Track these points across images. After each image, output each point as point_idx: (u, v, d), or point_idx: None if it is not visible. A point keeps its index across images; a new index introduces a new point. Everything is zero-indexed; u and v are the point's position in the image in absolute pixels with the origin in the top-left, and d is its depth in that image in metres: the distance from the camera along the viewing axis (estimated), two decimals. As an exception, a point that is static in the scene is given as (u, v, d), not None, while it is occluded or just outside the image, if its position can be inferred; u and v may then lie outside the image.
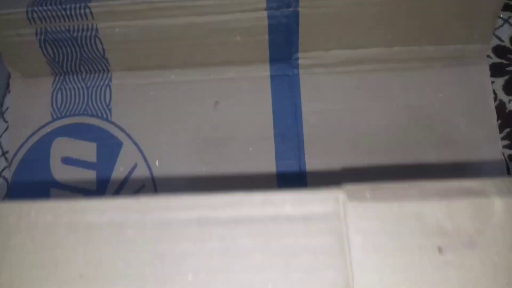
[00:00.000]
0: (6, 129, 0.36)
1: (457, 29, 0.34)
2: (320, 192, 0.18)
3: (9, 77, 0.37)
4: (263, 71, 0.35)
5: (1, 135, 0.36)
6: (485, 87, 0.35)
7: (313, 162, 0.34)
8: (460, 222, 0.18)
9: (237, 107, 0.35)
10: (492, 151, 0.34)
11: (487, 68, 0.35)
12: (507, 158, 0.34)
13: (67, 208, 0.18)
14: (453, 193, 0.18)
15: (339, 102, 0.35)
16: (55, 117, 0.36)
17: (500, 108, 0.35)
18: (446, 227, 0.18)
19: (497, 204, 0.18)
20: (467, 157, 0.34)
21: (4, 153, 0.36)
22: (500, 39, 0.36)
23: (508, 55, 0.36)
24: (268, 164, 0.34)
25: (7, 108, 0.37)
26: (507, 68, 0.36)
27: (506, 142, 0.34)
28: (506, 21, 0.37)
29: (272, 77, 0.35)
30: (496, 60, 0.35)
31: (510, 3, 0.37)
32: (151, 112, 0.35)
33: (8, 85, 0.37)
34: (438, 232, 0.18)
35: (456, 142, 0.34)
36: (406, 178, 0.32)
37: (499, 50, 0.36)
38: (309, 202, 0.18)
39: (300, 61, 0.35)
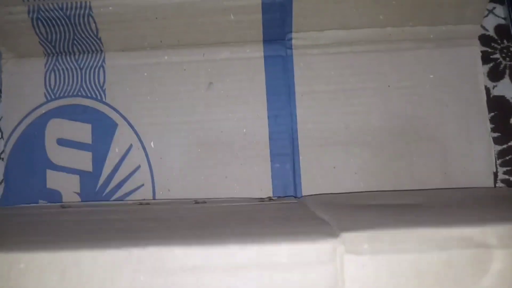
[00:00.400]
0: (3, 117, 0.36)
1: (449, 8, 0.34)
2: (317, 243, 0.17)
3: (0, 57, 0.36)
4: (257, 52, 0.35)
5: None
6: (475, 68, 0.35)
7: (306, 142, 0.34)
8: (459, 276, 0.17)
9: (231, 88, 0.35)
10: (481, 130, 0.35)
11: (478, 49, 0.36)
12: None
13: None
14: (454, 244, 0.17)
15: (332, 83, 0.35)
16: (49, 98, 0.36)
17: (485, 93, 0.36)
18: (444, 284, 0.17)
19: (498, 255, 0.17)
20: (457, 136, 0.35)
21: (1, 136, 0.36)
22: (485, 28, 0.37)
23: (492, 44, 0.37)
24: (262, 145, 0.35)
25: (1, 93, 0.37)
26: (491, 56, 0.37)
27: (491, 125, 0.35)
28: (490, 11, 0.37)
29: (266, 57, 0.35)
30: (482, 48, 0.36)
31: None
32: (145, 93, 0.35)
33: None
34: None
35: (445, 122, 0.35)
36: (397, 163, 0.33)
37: (484, 39, 0.37)
38: (305, 253, 0.17)
39: (294, 42, 0.35)
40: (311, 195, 0.33)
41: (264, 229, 0.19)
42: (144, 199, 0.33)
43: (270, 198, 0.27)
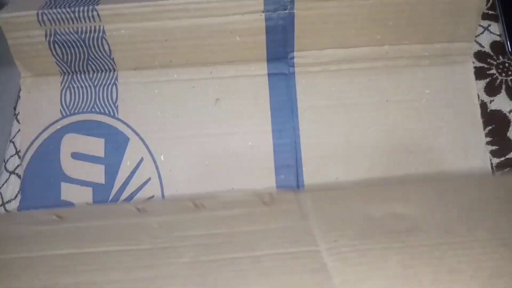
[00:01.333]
0: (19, 130, 0.38)
1: (442, 27, 0.36)
2: None
3: (19, 76, 0.39)
4: (261, 70, 0.37)
5: (15, 136, 0.38)
6: (469, 83, 0.37)
7: (309, 155, 0.36)
8: None
9: (237, 104, 0.37)
10: (476, 142, 0.36)
11: (471, 65, 0.37)
12: (490, 154, 0.37)
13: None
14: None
15: (333, 98, 0.37)
16: (64, 114, 0.37)
17: (482, 107, 0.37)
18: None
19: None
20: (453, 147, 0.36)
21: (17, 152, 0.38)
22: (480, 45, 0.39)
23: (488, 60, 0.39)
24: (266, 157, 0.36)
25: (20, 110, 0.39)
26: (487, 72, 0.38)
27: (488, 139, 0.37)
28: (486, 28, 0.39)
29: (270, 75, 0.37)
30: (478, 64, 0.38)
31: (489, 13, 0.40)
32: (156, 109, 0.37)
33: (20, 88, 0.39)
34: None
35: (441, 134, 0.36)
36: (396, 174, 0.34)
37: (480, 55, 0.39)
38: None
39: (296, 60, 0.37)
40: (312, 191, 0.33)
41: None
42: (143, 203, 0.34)
43: (270, 195, 0.28)
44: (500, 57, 0.39)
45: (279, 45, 0.36)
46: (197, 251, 0.23)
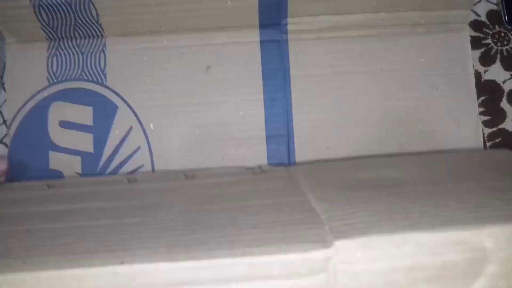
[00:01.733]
0: (6, 100, 0.37)
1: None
2: (310, 253, 0.17)
3: (4, 42, 0.37)
4: (253, 37, 0.36)
5: (2, 105, 0.37)
6: (465, 52, 0.36)
7: (301, 124, 0.35)
8: (454, 281, 0.17)
9: (228, 72, 0.36)
10: (469, 112, 0.36)
11: (468, 34, 0.37)
12: (482, 124, 0.36)
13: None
14: (449, 249, 0.17)
15: (326, 67, 0.36)
16: (51, 82, 0.37)
17: (477, 77, 0.37)
18: None
19: (493, 258, 0.17)
20: (446, 117, 0.36)
21: (4, 121, 0.37)
22: (477, 14, 0.38)
23: (484, 29, 0.38)
24: (257, 127, 0.36)
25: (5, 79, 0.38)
26: (483, 41, 0.38)
27: (481, 109, 0.37)
28: None
29: (262, 42, 0.36)
30: (473, 33, 0.37)
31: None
32: (145, 76, 0.36)
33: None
34: None
35: (435, 104, 0.36)
36: (388, 144, 0.34)
37: (476, 25, 0.38)
38: (297, 265, 0.17)
39: (289, 27, 0.36)
40: (302, 163, 0.33)
41: (254, 231, 0.19)
42: (133, 173, 0.34)
43: (260, 168, 0.28)
44: (496, 26, 0.38)
45: (272, 11, 0.35)
46: (187, 203, 0.23)
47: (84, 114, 0.36)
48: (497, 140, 0.36)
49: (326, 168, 0.28)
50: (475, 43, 0.37)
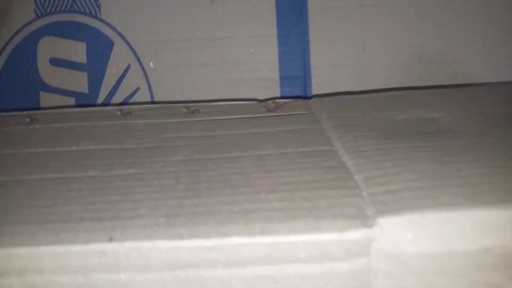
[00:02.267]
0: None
1: None
2: (346, 234, 0.13)
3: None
4: (266, -37, 0.32)
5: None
6: None
7: (319, 64, 0.32)
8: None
9: (237, 2, 0.32)
10: (509, 53, 0.32)
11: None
12: None
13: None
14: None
15: (349, -2, 0.32)
16: (39, 14, 0.33)
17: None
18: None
19: None
20: (483, 60, 0.32)
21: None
22: None
23: None
24: (270, 67, 0.32)
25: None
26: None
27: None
28: None
29: (276, -32, 0.32)
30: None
31: None
32: (144, 8, 0.32)
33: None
34: None
35: (471, 44, 0.32)
36: (417, 83, 0.31)
37: None
38: (330, 248, 0.13)
39: (307, -49, 0.32)
40: (322, 96, 0.30)
41: (272, 197, 0.15)
42: (126, 105, 0.31)
43: (274, 102, 0.24)
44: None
45: None
46: (192, 150, 0.20)
47: (76, 51, 0.33)
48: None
49: (352, 104, 0.24)
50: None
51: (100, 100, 0.32)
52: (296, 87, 0.32)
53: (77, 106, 0.32)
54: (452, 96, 0.25)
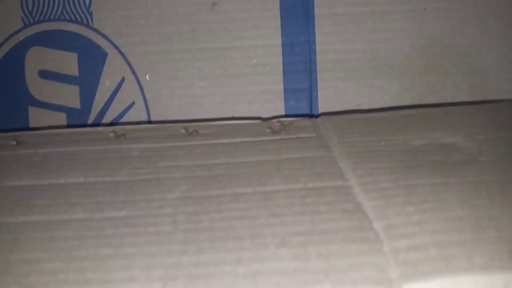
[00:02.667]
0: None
1: None
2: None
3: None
4: (269, -34, 0.30)
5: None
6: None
7: (326, 76, 0.30)
8: None
9: (238, 9, 0.30)
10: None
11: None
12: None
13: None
14: None
15: (358, 4, 0.30)
16: (27, 22, 0.31)
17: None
18: None
19: None
20: (501, 66, 0.30)
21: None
22: None
23: None
24: (274, 79, 0.31)
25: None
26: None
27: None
28: None
29: (280, -27, 0.30)
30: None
31: None
32: (139, 16, 0.31)
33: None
34: None
35: (490, 52, 0.30)
36: (431, 99, 0.29)
37: None
38: None
39: (314, -46, 0.30)
40: (330, 114, 0.28)
41: (283, 252, 0.13)
42: (120, 124, 0.30)
43: (279, 121, 0.23)
44: None
45: None
46: (190, 185, 0.18)
47: (67, 62, 0.31)
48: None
49: (363, 124, 0.22)
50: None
51: (92, 115, 0.31)
52: (301, 100, 0.31)
53: (68, 126, 0.30)
54: (470, 115, 0.24)
